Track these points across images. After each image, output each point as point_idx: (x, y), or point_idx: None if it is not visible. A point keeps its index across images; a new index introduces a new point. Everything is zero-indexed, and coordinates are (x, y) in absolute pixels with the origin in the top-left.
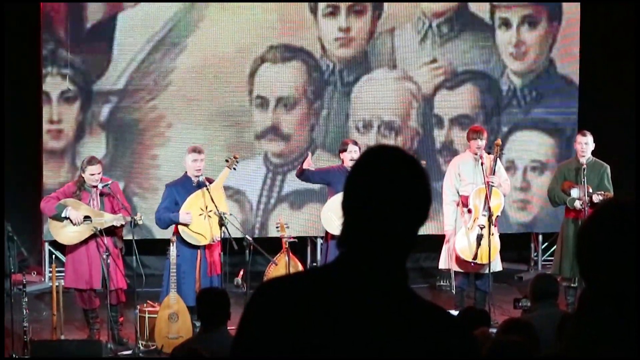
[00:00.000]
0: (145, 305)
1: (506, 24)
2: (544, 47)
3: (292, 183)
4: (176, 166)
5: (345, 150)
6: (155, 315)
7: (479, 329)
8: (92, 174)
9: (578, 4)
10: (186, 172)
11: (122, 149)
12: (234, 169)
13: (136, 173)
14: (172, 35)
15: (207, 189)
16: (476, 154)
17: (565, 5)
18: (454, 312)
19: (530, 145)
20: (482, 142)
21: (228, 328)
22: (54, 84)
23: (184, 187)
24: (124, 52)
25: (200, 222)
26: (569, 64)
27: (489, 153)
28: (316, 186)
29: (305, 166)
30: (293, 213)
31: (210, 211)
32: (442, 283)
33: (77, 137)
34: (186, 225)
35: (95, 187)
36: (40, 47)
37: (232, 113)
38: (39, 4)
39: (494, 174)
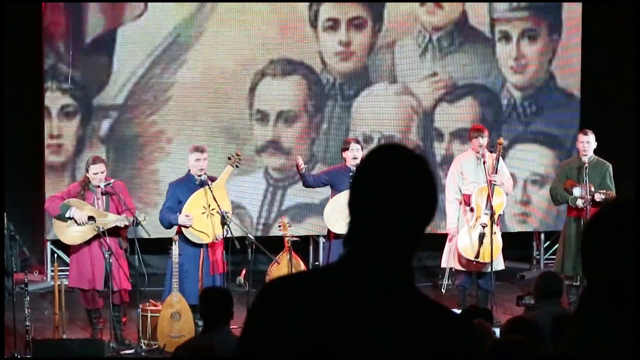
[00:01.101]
0: (147, 304)
1: (506, 37)
2: (544, 60)
3: (293, 198)
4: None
5: (347, 149)
6: (158, 315)
7: (476, 320)
8: (96, 173)
9: (579, 18)
10: (189, 170)
11: (122, 164)
12: (237, 166)
13: (136, 187)
14: (172, 50)
15: (209, 188)
16: (478, 153)
17: (565, 17)
18: (456, 311)
19: (531, 159)
20: (483, 141)
21: (231, 327)
22: (54, 99)
23: (186, 185)
24: (124, 67)
25: (203, 220)
26: (569, 78)
27: (491, 152)
28: (316, 200)
29: (299, 164)
30: (293, 226)
31: (213, 209)
32: (447, 282)
33: (77, 151)
34: (186, 226)
35: (99, 186)
36: (42, 61)
37: (232, 127)
38: (40, 18)
39: (496, 173)
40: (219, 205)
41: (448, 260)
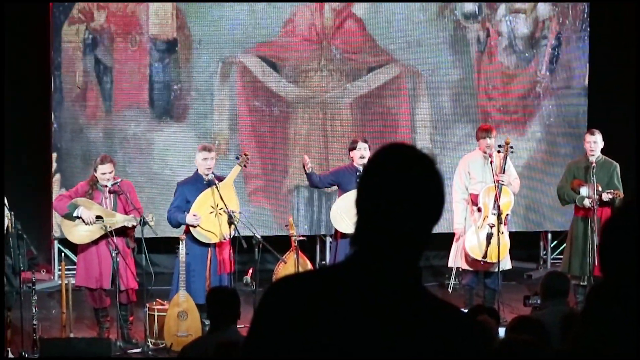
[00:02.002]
0: (154, 303)
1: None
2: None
3: None
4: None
5: (354, 148)
6: (165, 314)
7: (481, 316)
8: (104, 173)
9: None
10: (197, 170)
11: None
12: (245, 166)
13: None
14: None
15: (217, 187)
16: (485, 153)
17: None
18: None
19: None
20: (491, 141)
21: (238, 327)
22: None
23: (194, 185)
24: None
25: (211, 220)
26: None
27: (498, 152)
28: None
29: (307, 166)
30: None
31: (221, 209)
32: (454, 281)
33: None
34: (194, 226)
35: (107, 186)
36: (49, 60)
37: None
38: (48, 18)
39: (503, 173)
40: (226, 205)
41: (455, 260)
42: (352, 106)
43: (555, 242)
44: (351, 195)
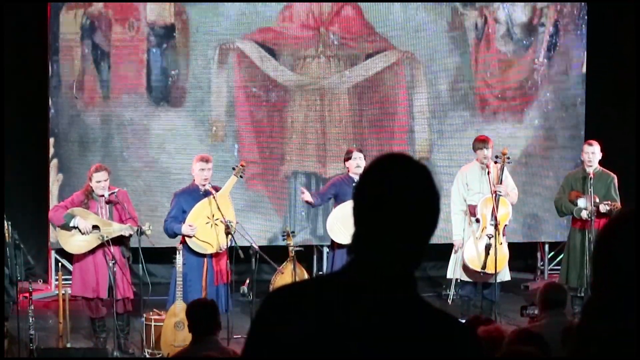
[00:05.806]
0: (151, 313)
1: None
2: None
3: None
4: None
5: (350, 158)
6: (162, 324)
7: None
8: (99, 181)
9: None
10: (194, 180)
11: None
12: (241, 176)
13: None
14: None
15: (214, 197)
16: (483, 164)
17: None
18: (461, 321)
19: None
20: (488, 152)
21: (218, 338)
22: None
23: (191, 195)
24: None
25: (207, 230)
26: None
27: (495, 162)
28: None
29: (307, 200)
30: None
31: (217, 219)
32: (452, 292)
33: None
34: (190, 236)
35: (103, 195)
36: (47, 66)
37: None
38: (46, 19)
39: (501, 183)
40: (222, 215)
41: (454, 271)
42: (350, 93)
43: (552, 253)
44: (347, 206)
